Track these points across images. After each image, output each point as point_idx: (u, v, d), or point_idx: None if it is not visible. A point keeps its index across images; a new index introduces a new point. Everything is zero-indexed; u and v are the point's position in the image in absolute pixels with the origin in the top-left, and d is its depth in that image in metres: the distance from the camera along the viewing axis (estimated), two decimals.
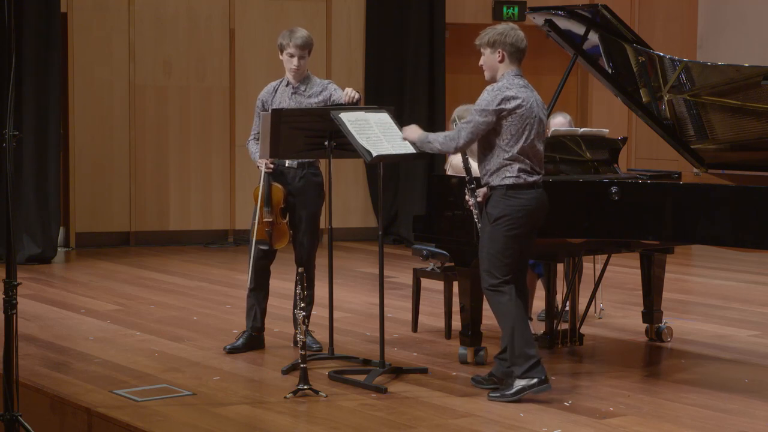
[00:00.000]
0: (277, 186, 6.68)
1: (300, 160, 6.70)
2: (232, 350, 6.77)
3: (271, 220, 6.65)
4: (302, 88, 6.78)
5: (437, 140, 5.82)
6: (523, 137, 5.65)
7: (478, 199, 5.78)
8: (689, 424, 5.40)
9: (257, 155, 6.74)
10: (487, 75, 5.83)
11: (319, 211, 6.87)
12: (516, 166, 5.64)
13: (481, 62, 5.82)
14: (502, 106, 5.64)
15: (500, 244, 5.67)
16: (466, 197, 5.86)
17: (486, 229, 5.73)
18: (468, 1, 12.50)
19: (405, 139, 6.02)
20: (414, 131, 5.99)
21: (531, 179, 5.67)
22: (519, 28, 5.83)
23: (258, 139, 6.78)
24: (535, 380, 5.67)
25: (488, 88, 5.72)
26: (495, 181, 5.69)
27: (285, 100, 6.76)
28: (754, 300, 8.84)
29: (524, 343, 5.67)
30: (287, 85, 6.81)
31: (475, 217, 5.83)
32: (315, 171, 6.83)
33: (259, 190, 6.65)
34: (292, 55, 6.72)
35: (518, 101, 5.67)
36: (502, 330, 5.76)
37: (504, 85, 5.70)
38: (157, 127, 11.58)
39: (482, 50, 5.80)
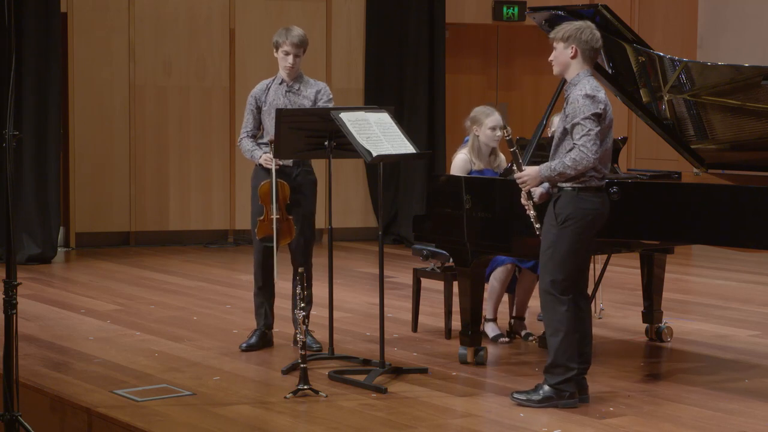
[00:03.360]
0: (284, 183, 6.68)
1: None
2: (248, 348, 6.80)
3: (278, 216, 6.65)
4: (296, 87, 6.80)
5: (566, 166, 5.43)
6: (606, 141, 5.53)
7: (534, 199, 5.67)
8: (689, 424, 5.40)
9: (256, 153, 6.75)
10: (555, 70, 5.66)
11: (314, 208, 6.89)
12: (590, 173, 5.50)
13: (551, 57, 5.65)
14: (602, 106, 5.46)
15: (567, 245, 5.53)
16: (522, 199, 5.70)
17: (552, 230, 5.57)
18: (468, 1, 12.50)
19: (527, 184, 5.65)
20: (533, 174, 5.60)
21: (600, 183, 5.55)
22: (597, 29, 5.64)
23: (252, 137, 6.81)
24: (566, 393, 5.61)
25: (579, 93, 5.47)
26: (565, 182, 5.55)
27: (279, 98, 6.77)
28: (754, 300, 8.84)
29: (569, 357, 5.59)
30: (281, 83, 6.82)
31: (531, 218, 5.68)
32: (309, 169, 6.86)
33: (268, 187, 6.63)
34: (287, 53, 6.74)
35: (607, 104, 5.52)
36: (548, 337, 5.66)
37: (593, 86, 5.51)
38: (157, 127, 11.58)
39: (555, 44, 5.62)
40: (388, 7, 12.05)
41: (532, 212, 5.69)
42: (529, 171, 5.63)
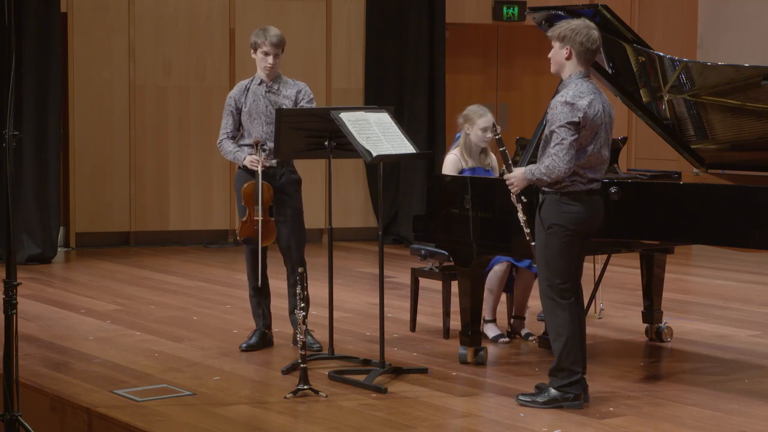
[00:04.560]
0: (268, 185, 6.69)
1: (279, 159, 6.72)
2: (248, 348, 6.81)
3: (262, 218, 6.66)
4: (275, 87, 6.79)
5: (541, 173, 5.44)
6: (589, 149, 5.48)
7: (524, 199, 5.66)
8: (689, 424, 5.40)
9: (239, 154, 6.75)
10: (552, 69, 5.62)
11: (302, 206, 6.90)
12: (573, 178, 5.48)
13: (549, 55, 5.61)
14: (581, 115, 5.41)
15: (555, 250, 5.53)
16: (515, 203, 5.70)
17: (540, 235, 5.58)
18: (468, 1, 12.50)
19: (514, 186, 5.65)
20: (520, 176, 5.61)
21: (586, 188, 5.52)
22: (596, 28, 5.58)
23: (232, 138, 6.83)
24: (570, 395, 5.60)
25: (560, 100, 5.46)
26: (548, 186, 5.54)
27: (260, 99, 6.78)
28: (754, 300, 8.83)
29: (573, 360, 5.57)
30: (260, 84, 6.82)
31: (521, 222, 5.68)
32: (292, 169, 6.87)
33: (252, 189, 6.64)
34: (266, 54, 6.75)
35: (592, 110, 5.45)
36: (552, 341, 5.64)
37: (576, 93, 5.46)
38: (157, 127, 11.58)
39: (552, 43, 5.59)
40: (388, 7, 12.05)
41: (521, 216, 5.69)
42: (517, 173, 5.65)
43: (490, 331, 7.09)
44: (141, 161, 11.53)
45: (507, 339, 7.12)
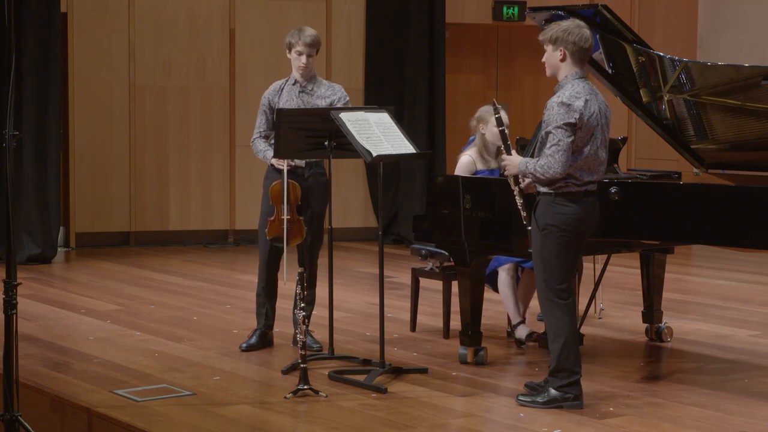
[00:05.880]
0: (295, 183, 6.68)
1: (307, 159, 6.72)
2: (248, 348, 6.81)
3: (289, 217, 6.65)
4: (310, 88, 6.79)
5: (536, 170, 5.44)
6: (586, 150, 5.47)
7: (521, 186, 5.65)
8: (689, 424, 5.40)
9: (268, 153, 6.75)
10: (548, 72, 5.62)
11: (325, 210, 6.89)
12: (567, 180, 5.47)
13: (543, 59, 5.60)
14: (577, 116, 5.40)
15: (551, 252, 5.52)
16: (511, 186, 5.70)
17: (536, 235, 5.58)
18: (468, 1, 12.50)
19: (507, 170, 5.70)
20: (515, 163, 5.63)
21: (581, 189, 5.50)
22: (586, 27, 5.56)
23: (265, 137, 6.82)
24: (570, 395, 5.59)
25: (556, 100, 5.45)
26: (543, 187, 5.54)
27: (293, 99, 6.77)
28: (754, 300, 8.84)
29: (573, 361, 5.57)
30: (294, 84, 6.82)
31: (518, 205, 5.67)
32: (321, 170, 6.86)
33: (279, 187, 6.63)
34: (300, 53, 6.73)
35: (588, 111, 5.44)
36: (550, 342, 5.63)
37: (572, 94, 5.45)
38: (157, 127, 11.59)
39: (545, 46, 5.58)
40: (388, 7, 12.05)
41: (518, 199, 5.69)
42: (513, 160, 5.66)
43: (522, 332, 6.98)
44: (141, 161, 11.53)
45: (533, 338, 6.93)
